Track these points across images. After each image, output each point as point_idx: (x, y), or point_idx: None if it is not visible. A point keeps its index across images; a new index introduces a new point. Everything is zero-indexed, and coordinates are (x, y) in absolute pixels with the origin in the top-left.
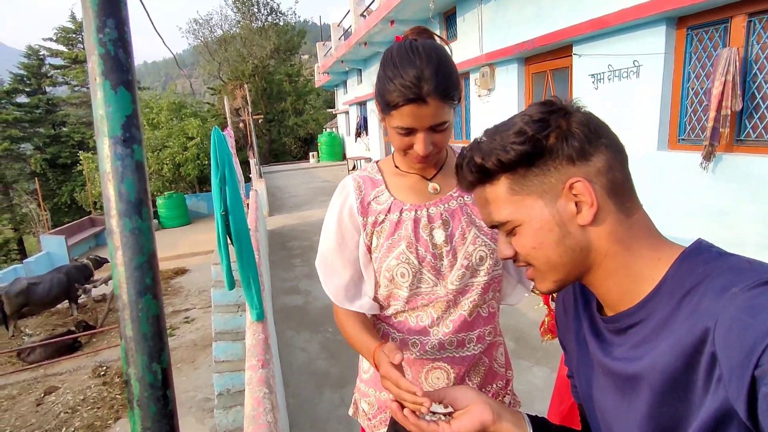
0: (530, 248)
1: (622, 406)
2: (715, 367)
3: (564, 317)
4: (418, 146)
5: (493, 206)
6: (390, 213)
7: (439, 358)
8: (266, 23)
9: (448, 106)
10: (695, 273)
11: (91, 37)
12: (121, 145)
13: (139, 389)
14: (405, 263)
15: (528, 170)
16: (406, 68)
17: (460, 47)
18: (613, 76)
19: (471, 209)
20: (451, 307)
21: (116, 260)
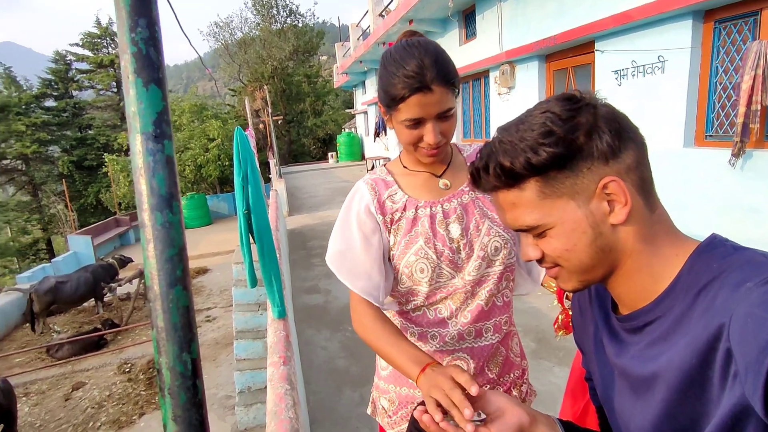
0: (562, 251)
1: (638, 406)
2: (730, 363)
3: (580, 319)
4: (428, 136)
5: (521, 210)
6: (406, 210)
7: (459, 349)
8: (285, 25)
9: (451, 92)
10: (710, 268)
11: (124, 36)
12: (152, 141)
13: (170, 378)
14: (424, 258)
15: (559, 172)
16: (407, 60)
17: (479, 45)
18: (637, 72)
19: (483, 202)
20: (469, 298)
21: (148, 252)
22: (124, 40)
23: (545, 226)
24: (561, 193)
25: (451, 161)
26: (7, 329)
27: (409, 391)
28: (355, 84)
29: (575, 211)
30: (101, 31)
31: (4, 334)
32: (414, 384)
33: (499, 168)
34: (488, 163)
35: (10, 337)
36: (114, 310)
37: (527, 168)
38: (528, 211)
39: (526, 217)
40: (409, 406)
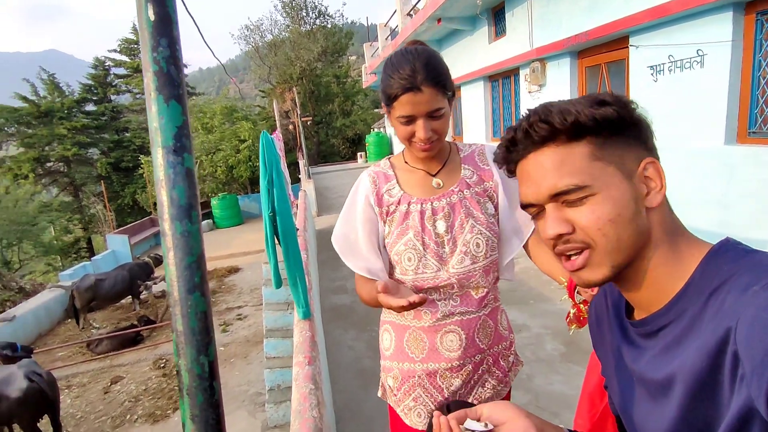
0: (606, 221)
1: (656, 411)
2: (738, 366)
3: (597, 329)
4: (419, 132)
5: (568, 169)
6: (400, 204)
7: (451, 322)
8: (314, 26)
9: (442, 94)
10: (721, 271)
11: (146, 55)
12: (172, 154)
13: (188, 379)
14: (412, 249)
15: (612, 137)
16: (402, 64)
17: (508, 43)
18: (674, 68)
19: (469, 202)
20: (456, 290)
21: (168, 260)
22: (146, 59)
23: (590, 190)
24: (611, 160)
25: (447, 161)
26: (51, 324)
27: (411, 365)
28: None
29: (622, 182)
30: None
31: (48, 329)
32: (414, 358)
33: (559, 117)
34: (546, 116)
35: (53, 331)
36: (150, 307)
37: (589, 120)
38: (576, 171)
39: (573, 176)
40: (411, 380)
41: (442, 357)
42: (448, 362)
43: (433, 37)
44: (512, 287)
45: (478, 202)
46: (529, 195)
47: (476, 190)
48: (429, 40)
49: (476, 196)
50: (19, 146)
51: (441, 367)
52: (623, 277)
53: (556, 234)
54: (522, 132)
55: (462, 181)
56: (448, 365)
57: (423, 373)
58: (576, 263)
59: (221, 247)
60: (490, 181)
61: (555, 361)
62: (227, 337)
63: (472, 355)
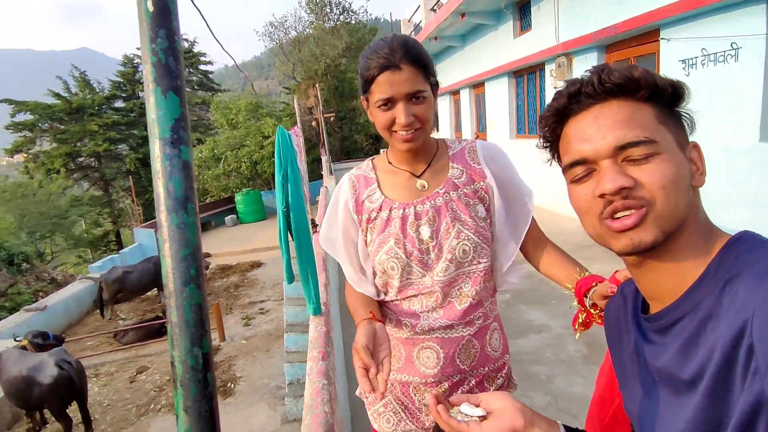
0: (670, 180)
1: (671, 413)
2: (751, 359)
3: (613, 330)
4: (399, 116)
5: (637, 122)
6: (381, 211)
7: (429, 338)
8: (338, 23)
9: (423, 76)
10: (737, 261)
11: (145, 47)
12: (169, 146)
13: (181, 371)
14: (394, 258)
15: (670, 110)
16: (379, 45)
17: (534, 37)
18: (707, 61)
19: (456, 205)
20: (440, 299)
21: (164, 252)
22: (145, 50)
23: (658, 148)
24: (671, 128)
25: (434, 159)
26: (80, 315)
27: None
28: None
29: (680, 152)
30: None
31: (77, 319)
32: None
33: (641, 73)
34: (625, 69)
35: (82, 321)
36: None
37: (651, 83)
38: (646, 126)
39: (645, 130)
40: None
41: (417, 371)
42: (423, 377)
43: (456, 32)
44: (534, 286)
45: (467, 204)
46: (586, 149)
47: (465, 191)
48: (452, 36)
49: (465, 197)
50: (52, 142)
51: (415, 380)
52: (655, 254)
53: (619, 187)
54: (591, 83)
55: (449, 181)
56: (422, 380)
57: (397, 383)
58: (628, 222)
59: (245, 242)
60: (482, 182)
61: (577, 363)
62: (250, 330)
63: (449, 374)
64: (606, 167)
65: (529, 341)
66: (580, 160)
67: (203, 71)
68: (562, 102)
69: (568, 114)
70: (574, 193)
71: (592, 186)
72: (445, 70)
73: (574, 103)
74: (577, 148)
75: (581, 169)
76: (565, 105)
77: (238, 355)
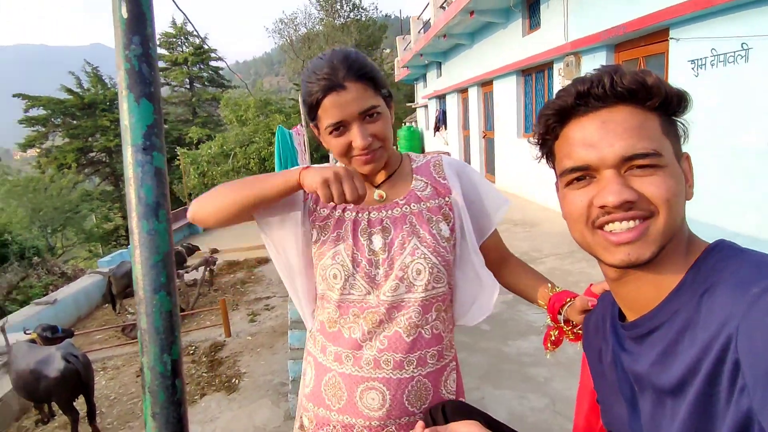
0: (673, 193)
1: (654, 424)
2: (737, 376)
3: (590, 343)
4: (356, 139)
5: (646, 132)
6: (335, 209)
7: (374, 378)
8: (348, 19)
9: (372, 90)
10: (714, 270)
11: (119, 53)
12: (141, 153)
13: (150, 377)
14: (339, 264)
15: (671, 119)
16: (318, 66)
17: (543, 36)
18: (717, 62)
19: (416, 218)
20: (385, 322)
21: (135, 258)
22: (119, 56)
23: (663, 162)
24: (672, 140)
25: (396, 171)
26: (90, 308)
27: (327, 412)
28: (416, 77)
29: (678, 166)
30: (176, 30)
31: (87, 312)
32: (331, 406)
33: (654, 80)
34: (638, 74)
35: (92, 315)
36: (181, 295)
37: (662, 92)
38: (654, 137)
39: (653, 142)
40: (326, 428)
41: (360, 413)
42: (367, 420)
43: (465, 30)
44: None
45: (428, 220)
46: (590, 155)
47: (428, 206)
48: (461, 33)
49: (428, 212)
50: (65, 137)
51: (359, 423)
52: (641, 267)
53: (623, 200)
54: (602, 84)
55: (411, 193)
56: (366, 423)
57: (339, 425)
58: (629, 236)
59: (252, 238)
60: (447, 197)
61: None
62: (254, 327)
63: (396, 417)
64: (609, 177)
65: (530, 342)
66: (583, 166)
67: (214, 68)
68: (569, 101)
69: (571, 114)
70: (567, 199)
71: (590, 194)
72: (454, 67)
73: (581, 104)
74: (580, 154)
75: (580, 175)
76: (571, 104)
77: (243, 351)
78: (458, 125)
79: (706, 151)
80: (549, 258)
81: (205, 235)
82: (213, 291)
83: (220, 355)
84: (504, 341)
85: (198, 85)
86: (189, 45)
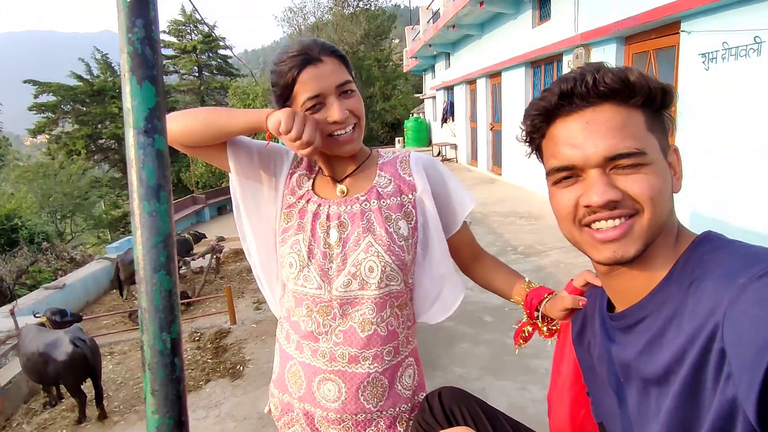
0: (658, 190)
1: (641, 414)
2: (723, 364)
3: (580, 336)
4: (333, 112)
5: (629, 131)
6: (301, 200)
7: (330, 370)
8: (357, 9)
9: (346, 67)
10: (702, 261)
11: (122, 36)
12: (143, 135)
13: (150, 355)
14: (296, 253)
15: (657, 114)
16: (290, 47)
17: (552, 28)
18: (728, 55)
19: (374, 215)
20: (339, 317)
21: (136, 239)
22: (122, 40)
23: (647, 159)
24: (657, 135)
25: (361, 166)
26: (98, 294)
27: (290, 399)
28: (425, 68)
29: (663, 159)
30: (185, 18)
31: (95, 298)
32: (293, 393)
33: (636, 77)
34: (620, 72)
35: (100, 301)
36: (188, 282)
37: (645, 89)
38: (637, 135)
39: (636, 140)
40: (290, 414)
41: (318, 403)
42: (324, 411)
43: (474, 21)
44: (542, 279)
45: (388, 217)
46: (575, 156)
47: (389, 203)
48: (471, 24)
49: (387, 210)
50: (74, 123)
51: (317, 413)
52: (630, 262)
53: (607, 200)
54: (585, 83)
55: (373, 189)
56: (324, 413)
57: (300, 411)
58: (613, 234)
59: None
60: (411, 194)
61: None
62: (259, 314)
63: (352, 413)
64: (594, 177)
65: None
66: (568, 166)
67: (222, 56)
68: (552, 101)
69: (556, 113)
70: (555, 197)
71: (577, 192)
72: (462, 58)
73: (564, 103)
74: (566, 154)
75: (566, 174)
76: (555, 104)
77: (248, 339)
78: (466, 117)
79: (715, 147)
80: (553, 251)
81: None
82: (219, 278)
83: (225, 341)
84: (506, 333)
85: (206, 74)
86: (198, 33)
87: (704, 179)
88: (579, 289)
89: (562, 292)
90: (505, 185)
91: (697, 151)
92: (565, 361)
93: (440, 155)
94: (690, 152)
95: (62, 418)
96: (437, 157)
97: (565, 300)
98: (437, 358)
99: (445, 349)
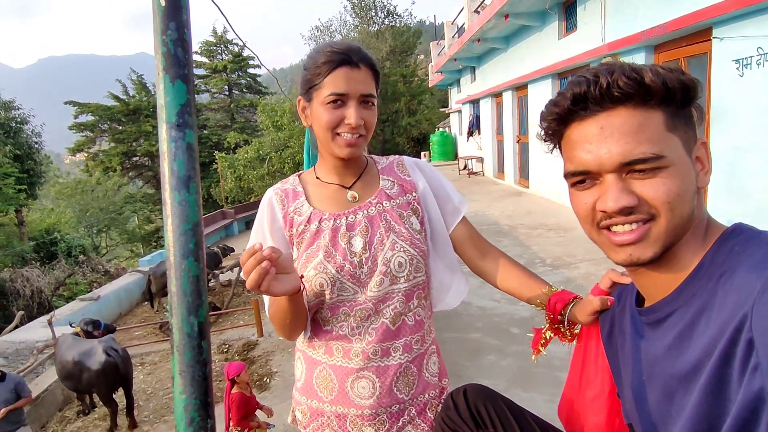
0: (676, 194)
1: (668, 409)
2: (751, 355)
3: (609, 336)
4: (351, 116)
5: (645, 135)
6: (310, 223)
7: (364, 368)
8: (383, 26)
9: (375, 83)
10: (732, 253)
11: (156, 38)
12: (175, 129)
13: (178, 337)
14: (323, 273)
15: (680, 110)
16: (335, 43)
17: (579, 38)
18: (763, 61)
19: (390, 215)
20: (372, 316)
21: (167, 227)
22: (156, 41)
23: (665, 163)
24: (680, 133)
25: (364, 172)
26: (130, 305)
27: (319, 404)
28: (450, 83)
29: (686, 158)
30: (217, 39)
31: (127, 309)
32: (323, 398)
33: (652, 76)
34: (633, 72)
35: (132, 312)
36: (216, 294)
37: (662, 90)
38: (654, 138)
39: (653, 144)
40: (320, 419)
41: (352, 403)
42: (359, 409)
43: (500, 33)
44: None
45: (401, 215)
46: (589, 161)
47: (398, 202)
48: (496, 38)
49: (398, 208)
50: (111, 141)
51: (351, 412)
52: (655, 261)
53: (621, 207)
54: (600, 87)
55: (381, 192)
56: (358, 412)
57: (332, 415)
58: (629, 238)
59: None
60: (413, 193)
61: None
62: None
63: (387, 405)
64: (610, 182)
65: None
66: (584, 171)
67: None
68: (565, 105)
69: (572, 117)
70: (574, 199)
71: (594, 196)
72: (488, 72)
73: (579, 108)
74: (581, 159)
75: (578, 178)
76: (567, 109)
77: (275, 351)
78: (492, 130)
79: (750, 153)
80: (583, 263)
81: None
82: (246, 292)
83: (252, 353)
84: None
85: (236, 92)
86: (228, 53)
87: (739, 186)
88: (605, 291)
89: (589, 296)
90: (532, 198)
91: (733, 158)
92: (600, 369)
93: (466, 168)
94: (724, 160)
95: (94, 427)
96: (463, 171)
97: (593, 302)
98: (464, 370)
99: (471, 361)
